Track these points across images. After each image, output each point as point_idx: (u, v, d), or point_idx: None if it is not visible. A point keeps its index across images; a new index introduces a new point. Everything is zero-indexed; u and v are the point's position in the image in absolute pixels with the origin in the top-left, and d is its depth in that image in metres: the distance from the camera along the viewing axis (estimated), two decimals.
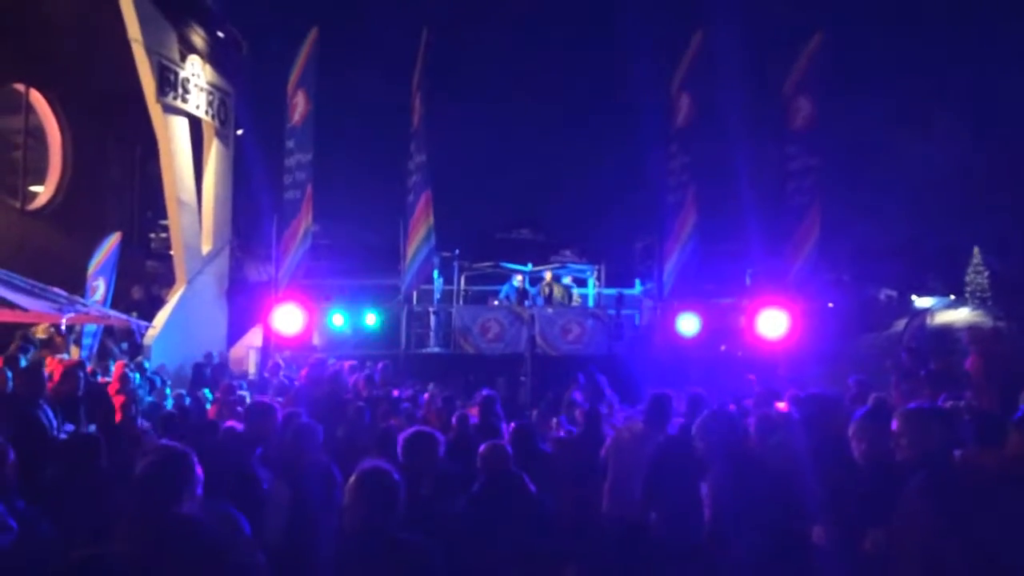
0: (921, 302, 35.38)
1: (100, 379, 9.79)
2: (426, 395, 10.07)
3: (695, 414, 5.14)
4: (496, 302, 17.60)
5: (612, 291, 18.28)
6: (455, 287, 18.60)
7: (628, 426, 6.30)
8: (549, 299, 17.26)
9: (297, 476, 4.62)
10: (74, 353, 12.09)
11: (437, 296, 18.13)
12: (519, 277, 17.48)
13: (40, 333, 11.60)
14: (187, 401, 10.01)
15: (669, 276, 15.47)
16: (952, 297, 36.95)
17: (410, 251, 15.87)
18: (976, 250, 38.72)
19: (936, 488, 3.44)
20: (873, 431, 3.74)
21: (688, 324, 14.61)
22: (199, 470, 3.21)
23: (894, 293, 35.32)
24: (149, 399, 10.17)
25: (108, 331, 13.72)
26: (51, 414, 6.85)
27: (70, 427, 7.24)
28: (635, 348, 16.47)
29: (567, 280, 18.42)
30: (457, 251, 18.74)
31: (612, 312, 16.98)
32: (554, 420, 9.42)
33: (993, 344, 10.22)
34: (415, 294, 16.71)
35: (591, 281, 19.23)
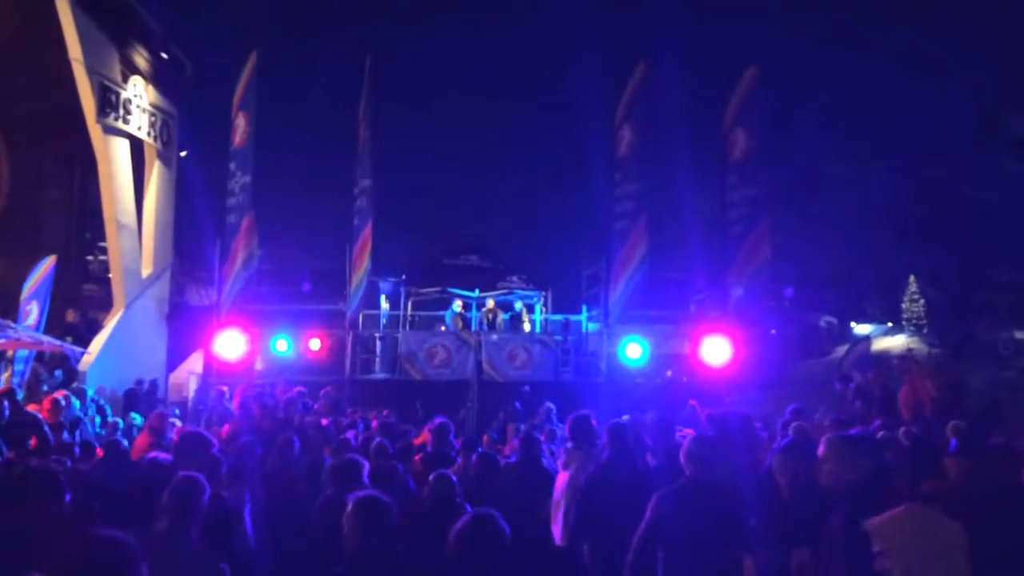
0: (859, 329, 36.23)
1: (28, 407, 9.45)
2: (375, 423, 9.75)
3: (615, 444, 5.20)
4: (443, 327, 17.53)
5: (559, 317, 18.37)
6: (401, 312, 18.47)
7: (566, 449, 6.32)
8: (492, 325, 17.26)
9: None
10: (5, 379, 11.71)
11: (383, 321, 18.00)
12: (458, 302, 17.42)
13: None
14: (120, 431, 9.66)
15: (616, 303, 15.56)
16: (889, 324, 37.88)
17: (356, 276, 15.75)
18: (912, 279, 39.79)
19: (860, 521, 3.49)
20: (792, 465, 3.81)
21: (634, 351, 14.73)
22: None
23: (834, 320, 36.10)
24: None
25: (40, 357, 13.31)
26: None
27: None
28: (582, 374, 16.56)
29: (519, 305, 18.48)
30: (404, 276, 18.65)
31: (559, 338, 17.05)
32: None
33: (928, 371, 10.55)
34: (361, 319, 16.57)
35: (538, 307, 19.29)
